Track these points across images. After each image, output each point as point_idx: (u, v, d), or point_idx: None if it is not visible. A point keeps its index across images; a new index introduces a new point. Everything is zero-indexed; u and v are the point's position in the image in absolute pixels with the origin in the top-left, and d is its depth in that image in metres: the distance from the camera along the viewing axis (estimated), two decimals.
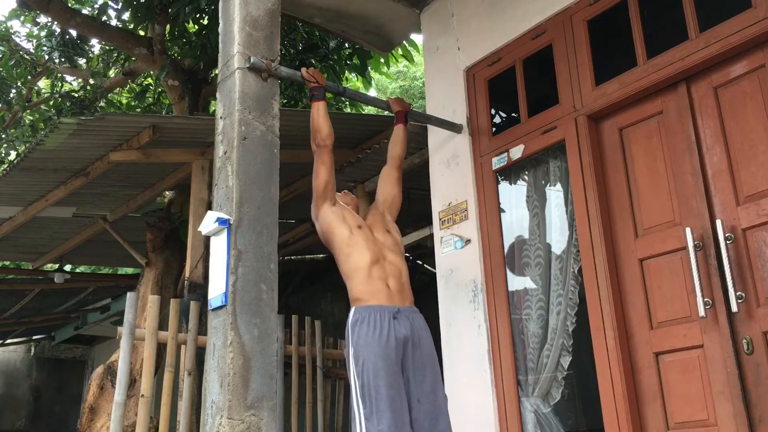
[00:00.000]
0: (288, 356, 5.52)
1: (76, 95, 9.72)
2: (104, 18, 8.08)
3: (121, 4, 7.83)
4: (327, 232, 3.34)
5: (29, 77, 9.69)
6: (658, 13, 3.72)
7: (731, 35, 3.12)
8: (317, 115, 3.41)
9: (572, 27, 3.78)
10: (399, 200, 3.64)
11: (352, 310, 3.19)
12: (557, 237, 3.81)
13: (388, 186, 3.65)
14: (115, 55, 9.54)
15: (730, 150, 3.14)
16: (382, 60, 8.12)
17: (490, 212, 4.03)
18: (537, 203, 3.95)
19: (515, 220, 4.02)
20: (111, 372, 6.17)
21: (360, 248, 3.24)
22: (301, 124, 3.92)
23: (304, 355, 5.64)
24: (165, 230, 7.23)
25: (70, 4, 8.37)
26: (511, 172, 4.08)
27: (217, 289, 2.90)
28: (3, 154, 10.43)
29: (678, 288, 3.20)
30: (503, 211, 4.04)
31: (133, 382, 5.66)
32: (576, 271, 3.65)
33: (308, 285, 9.40)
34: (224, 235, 2.92)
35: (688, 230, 3.13)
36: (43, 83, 10.81)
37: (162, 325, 4.74)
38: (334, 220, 3.32)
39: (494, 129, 4.24)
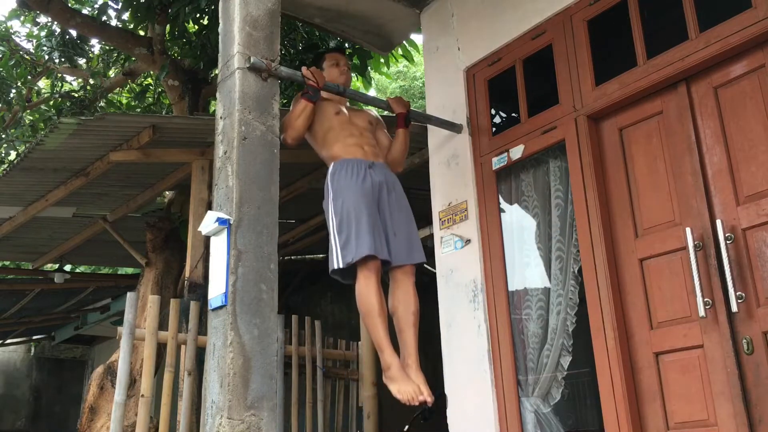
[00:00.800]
0: (288, 356, 5.52)
1: (76, 95, 9.72)
2: (104, 18, 8.07)
3: (121, 4, 7.83)
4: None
5: (29, 77, 9.68)
6: (658, 13, 3.72)
7: (731, 35, 3.12)
8: (299, 113, 3.47)
9: (572, 27, 3.79)
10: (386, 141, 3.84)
11: (331, 165, 3.46)
12: (557, 237, 3.81)
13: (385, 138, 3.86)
14: (115, 55, 9.54)
15: (730, 150, 3.14)
16: (382, 60, 8.12)
17: (490, 212, 4.03)
18: (537, 203, 3.95)
19: (515, 220, 4.02)
20: (111, 372, 6.17)
21: (335, 128, 3.55)
22: None
23: (304, 355, 5.64)
24: (165, 230, 7.23)
25: (70, 4, 8.36)
26: (511, 172, 4.08)
27: (217, 289, 2.91)
28: (3, 154, 10.43)
29: (678, 288, 3.20)
30: (503, 211, 4.04)
31: (133, 382, 5.67)
32: (576, 271, 3.65)
33: (308, 285, 9.40)
34: (224, 235, 2.92)
35: (688, 230, 3.13)
36: (43, 83, 10.81)
37: (162, 325, 4.74)
38: (313, 122, 3.57)
39: (494, 129, 4.24)
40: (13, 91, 9.71)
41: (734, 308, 2.94)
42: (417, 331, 3.37)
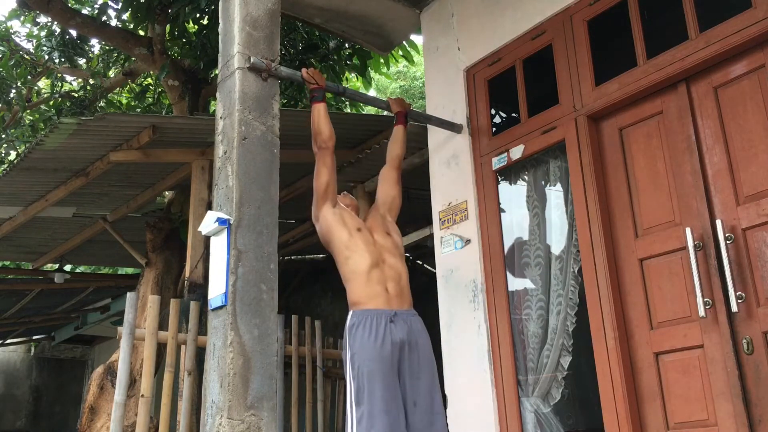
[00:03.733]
0: (288, 356, 5.52)
1: (76, 95, 9.72)
2: (104, 18, 8.07)
3: (121, 4, 7.82)
4: (327, 234, 3.37)
5: (29, 77, 9.68)
6: (658, 13, 3.72)
7: (731, 35, 3.12)
8: (318, 117, 3.42)
9: (572, 27, 3.78)
10: (399, 201, 3.66)
11: (350, 313, 3.21)
12: (557, 237, 3.81)
13: (387, 187, 3.67)
14: (115, 55, 9.54)
15: (730, 150, 3.14)
16: (381, 60, 8.12)
17: (490, 212, 4.03)
18: (537, 203, 3.95)
19: (515, 220, 4.02)
20: (111, 372, 6.17)
21: (359, 251, 3.26)
22: (301, 124, 3.91)
23: (304, 355, 5.64)
24: (165, 230, 7.23)
25: (70, 4, 8.36)
26: (511, 172, 4.08)
27: (217, 289, 2.91)
28: (3, 154, 10.44)
29: (678, 288, 3.20)
30: (503, 211, 4.04)
31: (133, 382, 5.66)
32: (576, 271, 3.65)
33: (308, 285, 9.40)
34: (224, 235, 2.92)
35: (688, 230, 3.13)
36: (43, 83, 10.80)
37: (162, 325, 4.74)
38: (334, 222, 3.34)
39: (494, 129, 4.24)
40: (13, 91, 9.71)
41: (734, 308, 2.94)
42: None
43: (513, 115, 4.64)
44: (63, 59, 8.99)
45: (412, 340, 3.17)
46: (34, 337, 12.97)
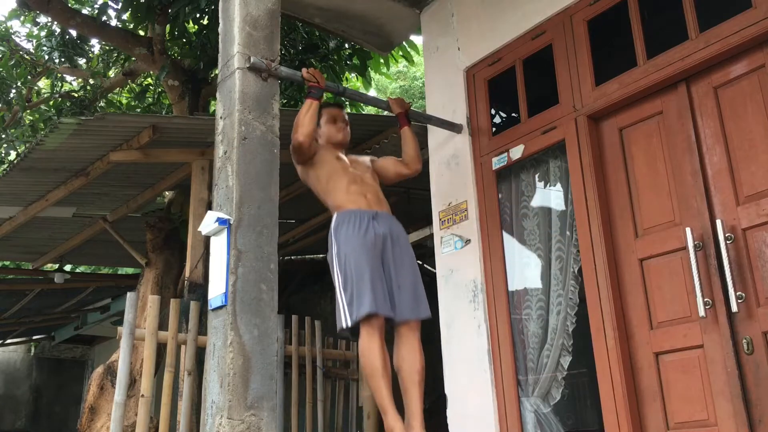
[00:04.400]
0: (288, 356, 5.52)
1: (76, 95, 9.72)
2: (104, 18, 8.07)
3: (121, 4, 7.82)
4: (307, 178, 3.61)
5: (29, 77, 9.68)
6: (658, 13, 3.72)
7: (731, 35, 3.12)
8: (306, 111, 3.47)
9: (572, 27, 3.79)
10: (390, 177, 3.81)
11: (334, 216, 3.42)
12: (557, 237, 3.81)
13: (390, 163, 3.84)
14: (115, 55, 9.54)
15: (730, 150, 3.14)
16: (381, 60, 8.12)
17: (490, 212, 4.03)
18: (537, 203, 3.95)
19: (515, 220, 4.03)
20: (111, 372, 6.17)
21: (338, 173, 3.52)
22: None
23: (304, 355, 5.64)
24: (165, 230, 7.23)
25: (70, 4, 8.36)
26: (511, 172, 4.08)
27: (217, 289, 2.91)
28: (3, 154, 10.43)
29: (678, 288, 3.20)
30: (503, 211, 4.04)
31: (133, 382, 5.66)
32: (576, 271, 3.65)
33: (308, 285, 9.40)
34: (224, 235, 2.92)
35: (688, 230, 3.13)
36: (43, 83, 10.80)
37: (162, 325, 4.74)
38: (313, 165, 3.57)
39: (494, 129, 4.24)
40: (13, 91, 9.71)
41: (734, 308, 2.94)
42: (422, 390, 3.25)
43: (513, 115, 4.64)
44: (63, 59, 8.99)
45: (394, 234, 3.40)
46: (34, 337, 12.97)
